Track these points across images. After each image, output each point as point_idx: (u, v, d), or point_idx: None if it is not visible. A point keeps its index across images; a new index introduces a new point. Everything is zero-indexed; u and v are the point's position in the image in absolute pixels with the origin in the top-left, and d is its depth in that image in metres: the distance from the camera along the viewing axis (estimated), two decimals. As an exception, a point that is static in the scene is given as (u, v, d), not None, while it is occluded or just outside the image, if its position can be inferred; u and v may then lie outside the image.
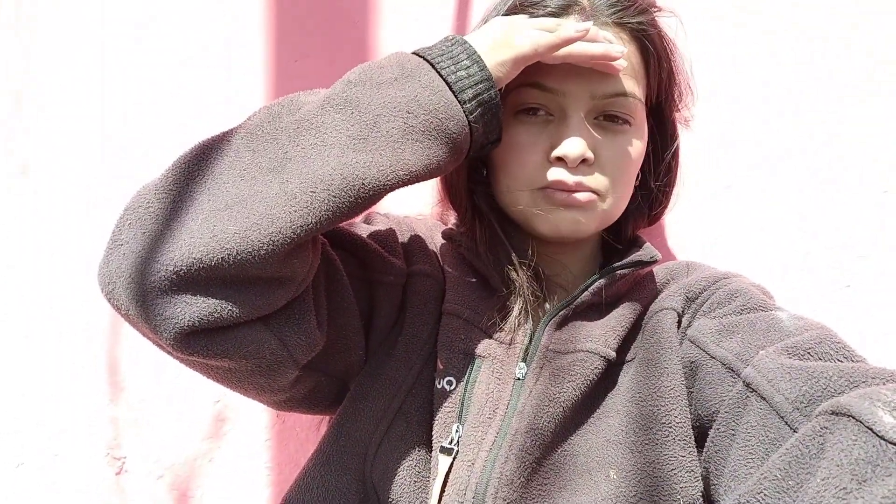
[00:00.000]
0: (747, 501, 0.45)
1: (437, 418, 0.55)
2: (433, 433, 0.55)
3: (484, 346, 0.57)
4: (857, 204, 0.84)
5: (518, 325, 0.58)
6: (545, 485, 0.54)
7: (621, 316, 0.60)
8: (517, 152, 0.59)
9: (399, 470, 0.54)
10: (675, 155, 0.69)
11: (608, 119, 0.59)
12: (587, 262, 0.65)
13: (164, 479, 0.83)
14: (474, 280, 0.62)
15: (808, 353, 0.49)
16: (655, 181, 0.67)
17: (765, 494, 0.43)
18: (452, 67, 0.52)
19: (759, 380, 0.49)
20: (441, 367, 0.56)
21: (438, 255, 0.64)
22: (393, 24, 0.88)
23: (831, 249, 0.84)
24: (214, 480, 0.83)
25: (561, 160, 0.57)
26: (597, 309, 0.60)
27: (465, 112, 0.52)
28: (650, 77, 0.62)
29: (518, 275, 0.59)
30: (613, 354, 0.58)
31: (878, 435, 0.39)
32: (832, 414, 0.42)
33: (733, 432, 0.50)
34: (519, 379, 0.56)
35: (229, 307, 0.46)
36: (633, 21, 0.59)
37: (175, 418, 0.83)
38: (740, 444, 0.49)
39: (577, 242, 0.63)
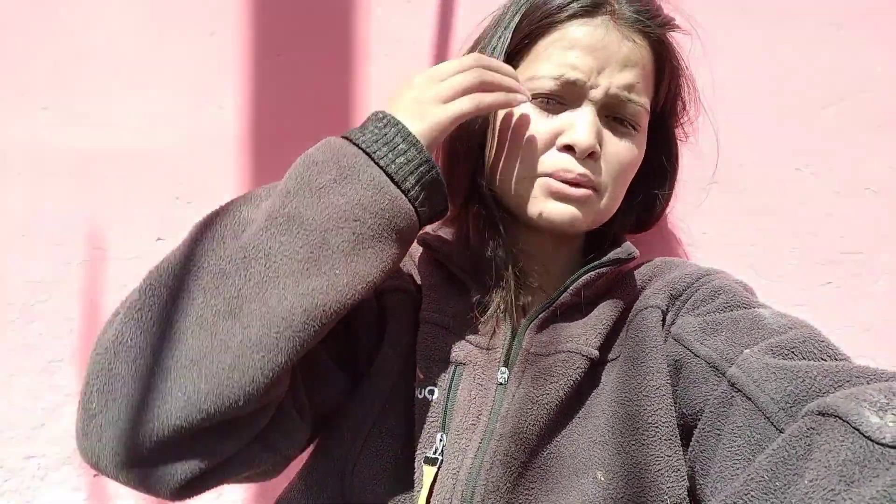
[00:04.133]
0: (734, 503, 0.44)
1: (420, 429, 0.54)
2: (418, 444, 0.54)
3: (464, 353, 0.57)
4: (841, 201, 0.84)
5: (497, 327, 0.57)
6: (532, 489, 0.53)
7: (603, 315, 0.59)
8: (525, 136, 0.59)
9: (378, 485, 0.53)
10: (674, 166, 0.70)
11: (616, 120, 0.60)
12: (569, 261, 0.65)
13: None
14: (451, 285, 0.61)
15: (793, 352, 0.49)
16: (653, 188, 0.68)
17: (752, 496, 0.43)
18: (391, 156, 0.50)
19: (745, 379, 0.49)
20: (421, 376, 0.56)
21: (409, 264, 0.63)
22: (376, 18, 0.86)
23: (815, 245, 0.84)
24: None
25: (569, 148, 0.57)
26: (577, 309, 0.60)
27: (409, 200, 0.51)
28: (659, 89, 0.63)
29: (503, 268, 0.58)
30: (596, 353, 0.57)
31: (864, 436, 0.38)
32: (819, 414, 0.42)
33: (719, 432, 0.50)
34: (501, 384, 0.56)
35: (220, 450, 0.45)
36: (655, 32, 0.60)
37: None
38: (726, 445, 0.49)
39: (562, 239, 0.63)
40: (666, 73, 0.62)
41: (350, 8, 0.86)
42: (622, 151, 0.60)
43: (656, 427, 0.53)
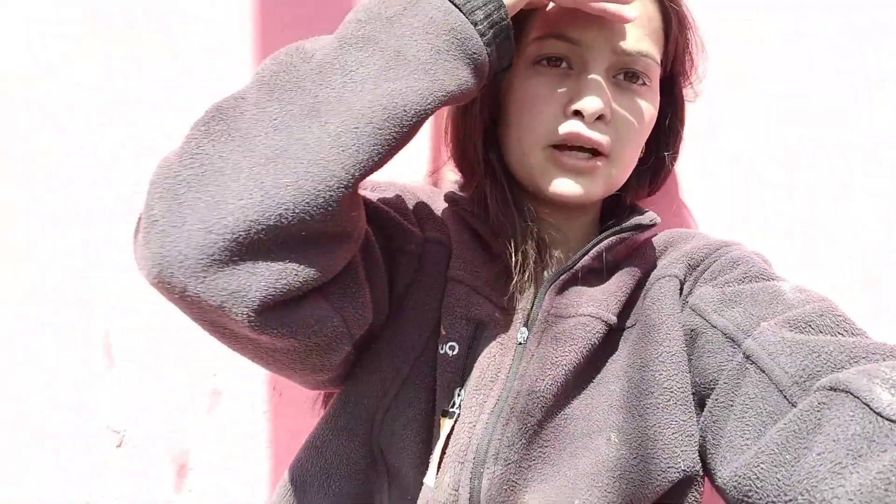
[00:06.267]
0: (744, 475, 0.45)
1: (440, 383, 0.55)
2: (436, 398, 0.55)
3: (486, 312, 0.57)
4: (864, 182, 0.82)
5: (519, 289, 0.57)
6: (545, 447, 0.54)
7: (622, 282, 0.59)
8: (533, 103, 0.58)
9: (405, 435, 0.54)
10: (682, 125, 0.69)
11: (627, 78, 0.58)
12: (587, 229, 0.65)
13: (163, 452, 0.84)
14: (477, 246, 0.61)
15: (810, 325, 0.49)
16: (661, 151, 0.67)
17: (762, 468, 0.43)
18: None
19: (760, 352, 0.49)
20: (444, 332, 0.56)
21: (443, 221, 0.63)
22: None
23: (834, 224, 0.83)
24: (213, 453, 0.84)
25: (578, 114, 0.56)
26: (597, 274, 0.60)
27: (478, 34, 0.49)
28: (668, 43, 0.61)
29: (523, 239, 0.58)
30: (615, 319, 0.57)
31: (875, 412, 0.39)
32: (830, 390, 0.42)
33: (731, 403, 0.50)
34: (521, 343, 0.56)
35: (295, 270, 0.43)
36: None
37: (174, 392, 0.83)
38: (738, 416, 0.49)
39: (579, 208, 0.63)
40: (673, 25, 0.60)
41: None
42: (634, 111, 0.58)
43: (671, 391, 0.54)
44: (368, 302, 0.51)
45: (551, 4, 0.56)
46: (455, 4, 0.49)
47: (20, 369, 0.84)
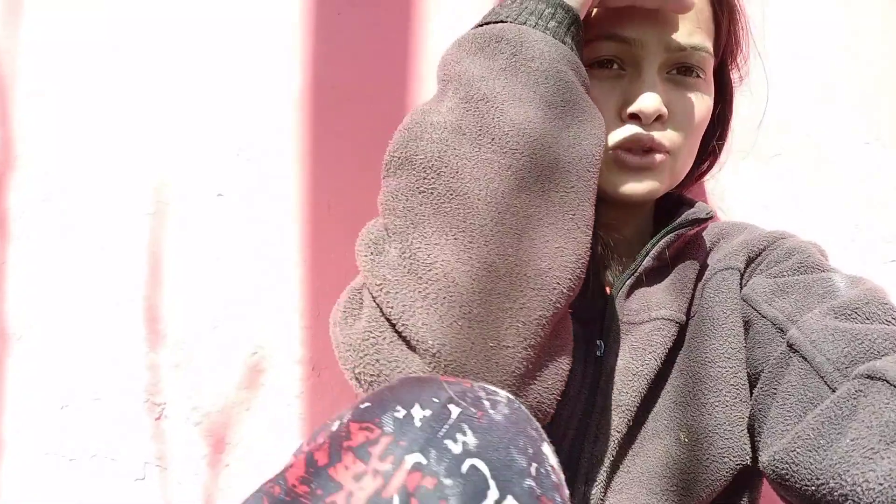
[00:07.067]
0: (781, 459, 0.45)
1: None
2: None
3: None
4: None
5: (591, 299, 0.57)
6: (623, 458, 0.54)
7: (684, 276, 0.59)
8: None
9: None
10: (731, 112, 0.68)
11: (681, 72, 0.58)
12: (643, 226, 0.65)
13: (201, 426, 0.85)
14: None
15: (855, 312, 0.49)
16: (710, 140, 0.66)
17: (797, 453, 0.43)
18: (542, 22, 0.50)
19: (803, 340, 0.49)
20: None
21: None
22: (439, -22, 0.86)
23: (881, 222, 0.82)
24: (250, 429, 0.85)
25: (635, 116, 0.56)
26: (658, 272, 0.60)
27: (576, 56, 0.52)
28: (720, 31, 0.60)
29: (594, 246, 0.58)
30: (685, 318, 0.57)
31: None
32: (867, 377, 0.42)
33: (774, 391, 0.50)
34: (599, 356, 0.55)
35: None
36: None
37: (213, 367, 0.85)
38: (779, 403, 0.49)
39: (639, 206, 0.62)
40: (725, 12, 0.60)
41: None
42: (691, 106, 0.58)
43: (737, 388, 0.53)
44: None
45: (597, 15, 0.57)
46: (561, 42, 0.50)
47: (64, 336, 0.85)
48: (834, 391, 0.45)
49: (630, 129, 0.56)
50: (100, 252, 0.85)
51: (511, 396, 0.35)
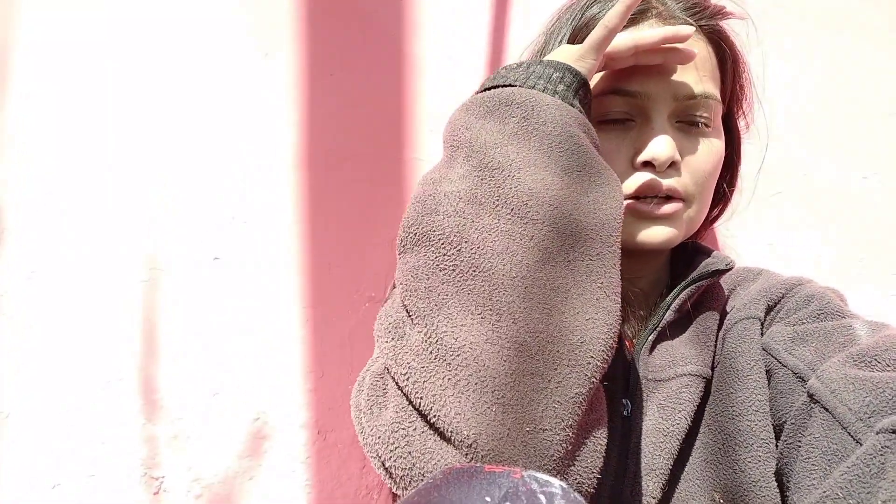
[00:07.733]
0: None
1: None
2: None
3: None
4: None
5: (619, 356, 0.55)
6: None
7: (706, 328, 0.58)
8: None
9: None
10: (739, 158, 0.69)
11: (690, 121, 0.58)
12: (659, 276, 0.64)
13: (202, 499, 0.82)
14: None
15: (875, 359, 0.48)
16: (723, 184, 0.66)
17: None
18: (550, 86, 0.50)
19: (823, 391, 0.48)
20: None
21: None
22: (429, 37, 0.87)
23: (885, 255, 0.83)
24: (254, 500, 0.81)
25: (648, 164, 0.55)
26: (679, 324, 0.59)
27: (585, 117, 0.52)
28: (725, 79, 0.60)
29: None
30: (710, 372, 0.56)
31: None
32: (892, 433, 0.41)
33: (798, 444, 0.49)
34: (627, 416, 0.54)
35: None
36: (709, 23, 0.58)
37: (213, 436, 0.82)
38: (804, 457, 0.47)
39: (655, 255, 0.61)
40: (729, 61, 0.60)
41: (400, 26, 0.87)
42: (703, 154, 0.58)
43: (767, 443, 0.52)
44: None
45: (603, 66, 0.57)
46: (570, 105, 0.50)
47: (56, 410, 0.82)
48: (858, 443, 0.44)
49: (644, 176, 0.55)
50: (92, 323, 0.83)
51: (564, 486, 0.33)
